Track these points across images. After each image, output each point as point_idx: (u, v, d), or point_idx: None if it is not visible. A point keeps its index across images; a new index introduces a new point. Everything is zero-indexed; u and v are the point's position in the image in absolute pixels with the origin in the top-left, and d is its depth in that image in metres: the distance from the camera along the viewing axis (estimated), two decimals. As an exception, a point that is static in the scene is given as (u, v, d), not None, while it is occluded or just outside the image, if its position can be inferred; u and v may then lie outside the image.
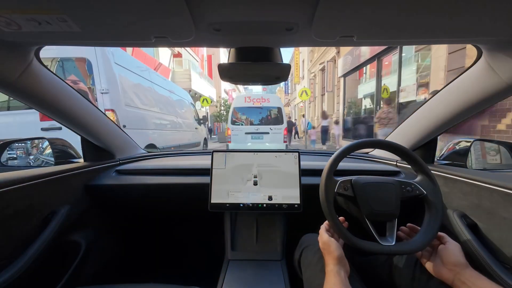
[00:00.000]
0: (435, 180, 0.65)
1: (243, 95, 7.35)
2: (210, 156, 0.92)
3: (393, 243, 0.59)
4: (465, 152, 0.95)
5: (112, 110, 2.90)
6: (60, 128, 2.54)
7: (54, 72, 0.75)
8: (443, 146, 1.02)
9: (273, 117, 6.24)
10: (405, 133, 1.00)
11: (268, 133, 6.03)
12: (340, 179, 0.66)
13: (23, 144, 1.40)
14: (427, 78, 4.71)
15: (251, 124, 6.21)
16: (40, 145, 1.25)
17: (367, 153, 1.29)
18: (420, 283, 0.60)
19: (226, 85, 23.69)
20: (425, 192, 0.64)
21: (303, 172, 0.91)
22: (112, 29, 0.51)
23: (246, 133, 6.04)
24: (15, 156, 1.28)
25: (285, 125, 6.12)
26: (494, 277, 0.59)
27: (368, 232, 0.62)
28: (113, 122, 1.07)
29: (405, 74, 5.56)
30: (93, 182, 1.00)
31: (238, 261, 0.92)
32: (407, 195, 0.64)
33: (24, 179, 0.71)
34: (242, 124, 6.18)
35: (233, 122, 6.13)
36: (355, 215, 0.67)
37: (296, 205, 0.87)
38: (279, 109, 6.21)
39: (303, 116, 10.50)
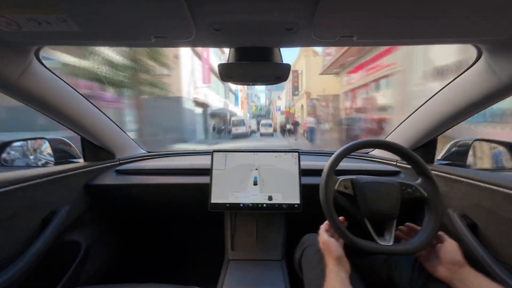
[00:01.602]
0: (436, 182, 0.64)
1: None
2: (210, 156, 0.92)
3: (391, 243, 0.59)
4: (465, 152, 0.95)
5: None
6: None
7: (54, 72, 0.75)
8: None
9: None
10: (405, 133, 1.00)
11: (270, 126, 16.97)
12: (341, 177, 0.66)
13: (23, 144, 1.39)
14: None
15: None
16: (40, 145, 1.25)
17: (367, 153, 1.29)
18: (419, 282, 0.60)
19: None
20: (425, 194, 0.64)
21: (303, 172, 0.91)
22: (112, 29, 0.51)
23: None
24: (15, 156, 1.28)
25: (273, 126, 16.43)
26: (494, 277, 0.59)
27: (367, 231, 0.62)
28: (114, 122, 1.07)
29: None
30: (93, 182, 1.00)
31: (238, 261, 0.92)
32: (408, 196, 0.64)
33: (24, 179, 0.71)
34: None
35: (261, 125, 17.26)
36: (354, 214, 0.67)
37: (296, 205, 0.87)
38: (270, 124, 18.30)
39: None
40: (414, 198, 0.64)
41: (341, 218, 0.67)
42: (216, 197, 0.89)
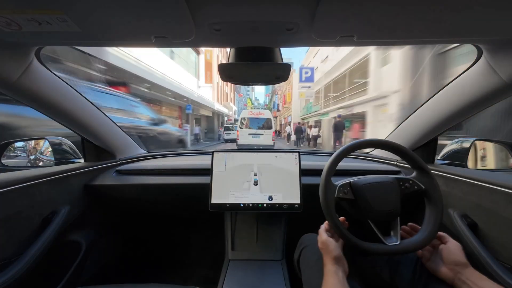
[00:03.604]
0: (431, 173, 0.64)
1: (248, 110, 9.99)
2: (210, 156, 0.92)
3: (398, 242, 0.59)
4: (465, 152, 0.95)
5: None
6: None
7: (54, 72, 0.75)
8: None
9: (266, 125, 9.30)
10: (405, 133, 1.00)
11: (262, 134, 9.08)
12: (339, 183, 0.65)
13: (24, 145, 1.40)
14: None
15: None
16: (41, 145, 1.25)
17: (367, 153, 1.29)
18: (420, 282, 0.60)
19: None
20: (423, 187, 0.64)
21: (304, 172, 0.91)
22: (112, 29, 0.51)
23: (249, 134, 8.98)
24: (15, 156, 1.28)
25: (273, 129, 9.22)
26: (494, 277, 0.59)
27: (373, 233, 0.61)
28: (113, 122, 1.07)
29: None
30: (93, 182, 1.00)
31: (238, 261, 0.92)
32: (406, 191, 0.64)
33: (24, 179, 0.71)
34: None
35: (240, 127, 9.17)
36: (357, 216, 0.66)
37: (296, 205, 0.87)
38: (269, 119, 9.36)
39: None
40: (413, 192, 0.64)
41: (341, 218, 0.67)
42: (217, 197, 0.89)
